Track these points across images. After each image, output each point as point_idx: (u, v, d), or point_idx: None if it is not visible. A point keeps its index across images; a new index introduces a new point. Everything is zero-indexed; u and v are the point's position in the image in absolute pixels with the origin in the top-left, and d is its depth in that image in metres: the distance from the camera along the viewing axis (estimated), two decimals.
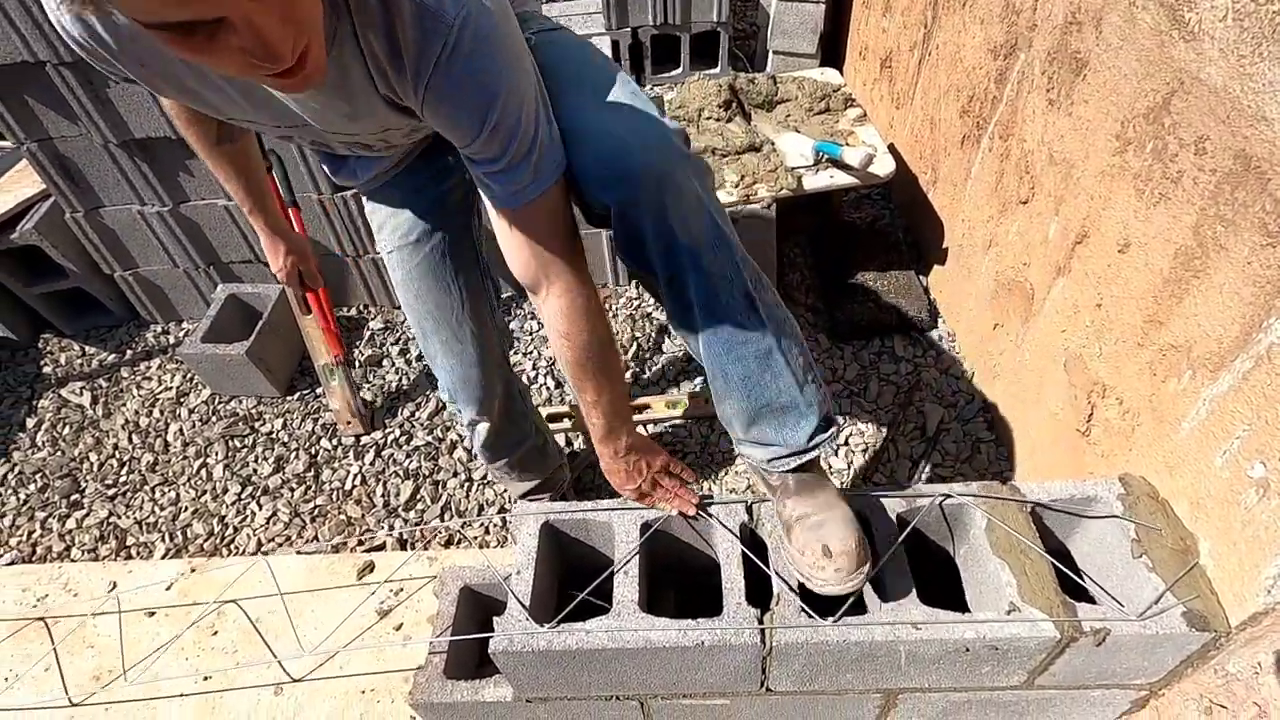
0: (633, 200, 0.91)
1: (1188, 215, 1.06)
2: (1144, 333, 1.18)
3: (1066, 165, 1.41)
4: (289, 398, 2.22)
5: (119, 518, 1.98)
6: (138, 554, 1.90)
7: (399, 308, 2.41)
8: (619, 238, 0.98)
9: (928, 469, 1.81)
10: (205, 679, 1.51)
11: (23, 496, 2.05)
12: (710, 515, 1.17)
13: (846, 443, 1.91)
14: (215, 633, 1.59)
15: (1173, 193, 1.09)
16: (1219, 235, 1.00)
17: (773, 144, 1.97)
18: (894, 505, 1.17)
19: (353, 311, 2.49)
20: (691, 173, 0.92)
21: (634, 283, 2.41)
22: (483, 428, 1.44)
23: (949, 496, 1.16)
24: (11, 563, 1.89)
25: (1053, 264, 1.49)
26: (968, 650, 1.05)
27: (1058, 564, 1.07)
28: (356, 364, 2.29)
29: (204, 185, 2.17)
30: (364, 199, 1.26)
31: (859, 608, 1.06)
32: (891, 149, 1.85)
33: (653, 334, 2.25)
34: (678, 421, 2.00)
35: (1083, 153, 1.35)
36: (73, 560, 1.89)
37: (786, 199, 1.88)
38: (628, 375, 2.15)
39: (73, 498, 2.03)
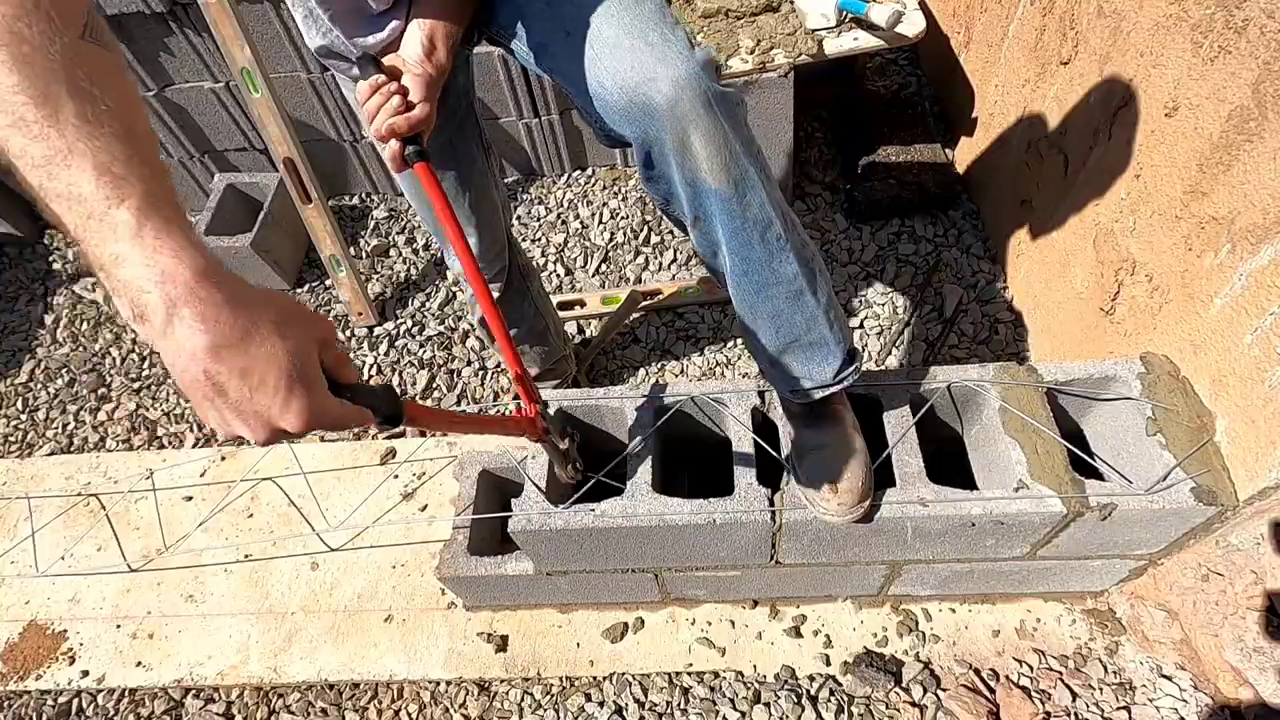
0: (655, 137, 0.84)
1: (1249, 71, 0.96)
2: (1184, 204, 1.12)
3: (1117, 18, 1.28)
4: (299, 289, 2.21)
5: (147, 410, 2.03)
6: (169, 444, 1.97)
7: (402, 194, 2.34)
8: (642, 173, 0.92)
9: (943, 350, 1.79)
10: (246, 557, 1.61)
11: (52, 391, 2.10)
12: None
13: (861, 326, 1.89)
14: (250, 515, 1.68)
15: (1235, 45, 0.99)
16: None
17: (791, 2, 1.80)
18: (907, 388, 1.16)
19: (355, 200, 2.42)
20: (722, 111, 0.83)
21: None
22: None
23: (963, 380, 1.15)
24: (52, 453, 1.97)
25: (1091, 131, 1.39)
26: (973, 525, 1.07)
27: (1069, 446, 1.07)
28: (363, 255, 2.25)
29: (186, 66, 2.05)
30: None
31: None
32: (922, 6, 1.68)
33: (664, 218, 2.18)
34: (690, 306, 1.98)
35: (1136, 3, 1.22)
36: (109, 450, 1.96)
37: (806, 66, 1.74)
38: (639, 260, 2.11)
39: (100, 391, 2.09)
